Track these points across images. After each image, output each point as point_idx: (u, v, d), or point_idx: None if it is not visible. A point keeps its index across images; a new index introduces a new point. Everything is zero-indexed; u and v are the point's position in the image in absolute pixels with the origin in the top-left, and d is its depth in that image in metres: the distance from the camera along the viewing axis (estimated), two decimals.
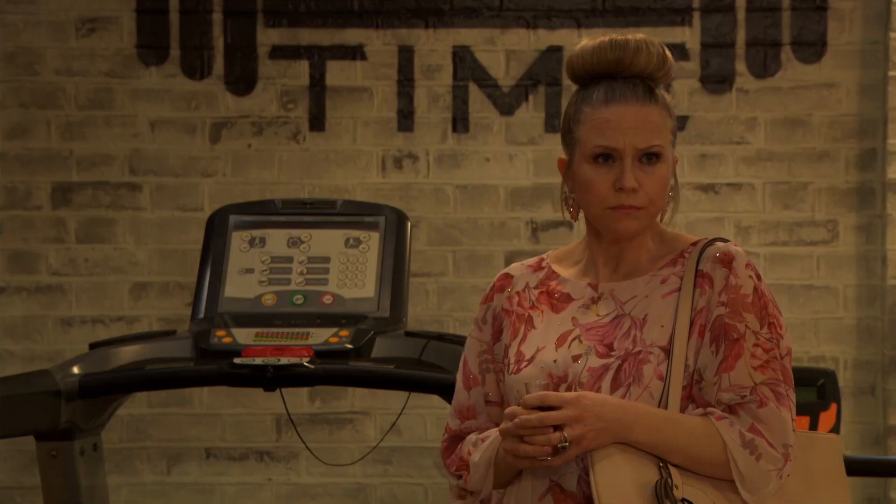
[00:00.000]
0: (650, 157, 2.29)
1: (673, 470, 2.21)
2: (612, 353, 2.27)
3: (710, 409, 2.22)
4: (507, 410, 2.22)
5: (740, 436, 2.19)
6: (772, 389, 2.22)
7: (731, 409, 2.21)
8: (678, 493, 2.19)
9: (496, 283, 2.45)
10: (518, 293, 2.41)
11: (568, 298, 2.36)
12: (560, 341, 2.32)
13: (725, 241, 2.33)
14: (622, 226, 2.30)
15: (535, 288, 2.40)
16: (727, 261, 2.27)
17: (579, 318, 2.33)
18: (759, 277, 2.28)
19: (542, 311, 2.37)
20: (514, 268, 2.46)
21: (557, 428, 2.16)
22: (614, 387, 2.24)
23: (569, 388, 2.27)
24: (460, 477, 2.49)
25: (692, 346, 2.25)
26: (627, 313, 2.30)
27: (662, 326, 2.26)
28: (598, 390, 2.24)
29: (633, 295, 2.31)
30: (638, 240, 2.35)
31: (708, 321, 2.25)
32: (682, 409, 2.24)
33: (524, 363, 2.33)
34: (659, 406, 2.23)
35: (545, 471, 2.25)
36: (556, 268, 2.42)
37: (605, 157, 2.30)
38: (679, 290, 2.28)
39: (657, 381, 2.23)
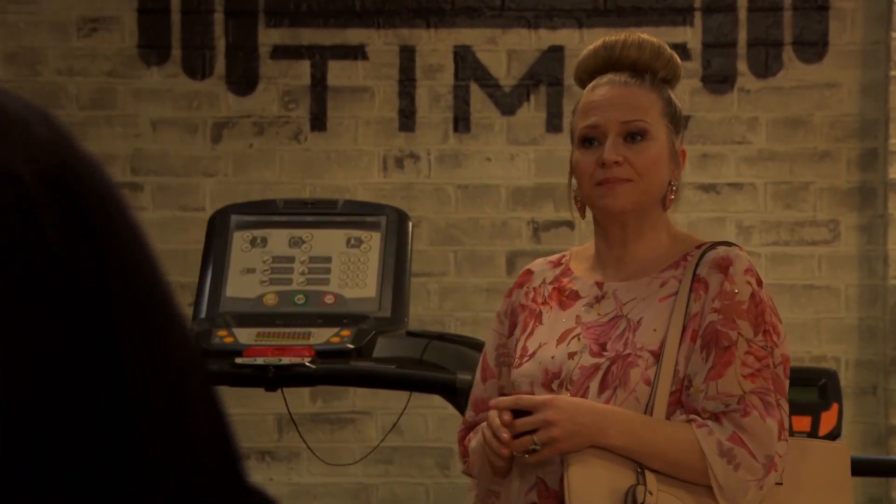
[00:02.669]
0: (634, 135, 2.32)
1: (650, 476, 2.20)
2: (604, 354, 2.28)
3: (692, 416, 2.22)
4: (491, 403, 2.25)
5: (718, 444, 2.17)
6: (761, 399, 2.20)
7: (715, 418, 2.20)
8: (652, 500, 2.18)
9: (518, 278, 2.48)
10: (534, 289, 2.44)
11: (576, 296, 2.38)
12: (562, 338, 2.34)
13: (730, 244, 2.32)
14: (608, 202, 2.31)
15: (550, 284, 2.42)
16: (724, 266, 2.25)
17: (583, 315, 2.35)
18: (759, 283, 2.25)
19: (551, 307, 2.39)
20: (537, 263, 2.48)
21: (531, 431, 2.19)
22: (602, 388, 2.25)
23: (560, 385, 2.29)
24: (467, 463, 2.55)
25: (683, 351, 2.23)
26: (625, 315, 2.31)
27: (655, 330, 2.26)
28: (587, 390, 2.26)
29: (634, 296, 2.32)
30: (644, 238, 2.35)
31: (700, 327, 2.24)
32: (670, 415, 2.23)
33: (525, 358, 2.35)
34: (646, 411, 2.22)
35: (532, 467, 2.27)
36: (573, 264, 2.44)
37: (592, 140, 2.34)
38: (676, 294, 2.28)
39: (644, 386, 2.23)
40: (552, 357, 2.31)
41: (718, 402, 2.20)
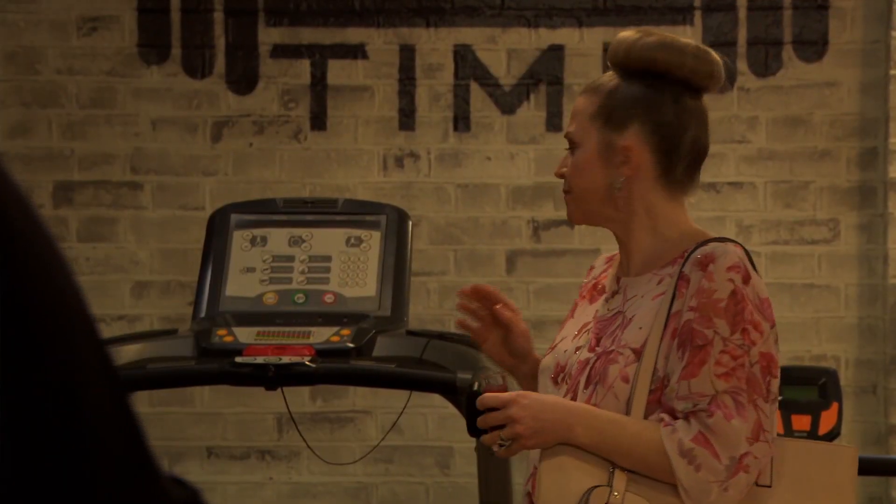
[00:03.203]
0: (572, 148, 2.38)
1: (620, 475, 2.20)
2: (595, 350, 2.30)
3: (662, 415, 2.21)
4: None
5: (679, 444, 2.17)
6: (733, 398, 2.18)
7: (685, 417, 2.19)
8: (617, 501, 2.18)
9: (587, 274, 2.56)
10: (585, 284, 2.48)
11: (603, 290, 2.41)
12: (579, 332, 2.37)
13: (724, 240, 2.29)
14: (566, 212, 2.43)
15: (594, 279, 2.46)
16: (705, 263, 2.23)
17: (600, 310, 2.38)
18: (745, 280, 2.22)
19: (585, 301, 2.43)
20: (600, 259, 2.53)
21: (501, 426, 2.25)
22: (587, 383, 2.28)
23: (563, 379, 2.31)
24: None
25: (663, 350, 2.23)
26: (624, 311, 2.32)
27: (641, 328, 2.26)
28: (578, 384, 2.28)
29: (636, 293, 2.33)
30: (639, 236, 2.36)
31: (679, 325, 2.23)
32: (650, 414, 2.22)
33: (550, 350, 2.40)
34: (626, 409, 2.23)
35: (533, 457, 2.30)
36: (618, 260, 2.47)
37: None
38: (666, 292, 2.28)
39: (621, 383, 2.24)
40: (565, 351, 2.36)
41: (688, 402, 2.19)
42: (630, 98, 2.34)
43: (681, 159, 2.37)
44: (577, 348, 2.33)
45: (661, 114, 2.35)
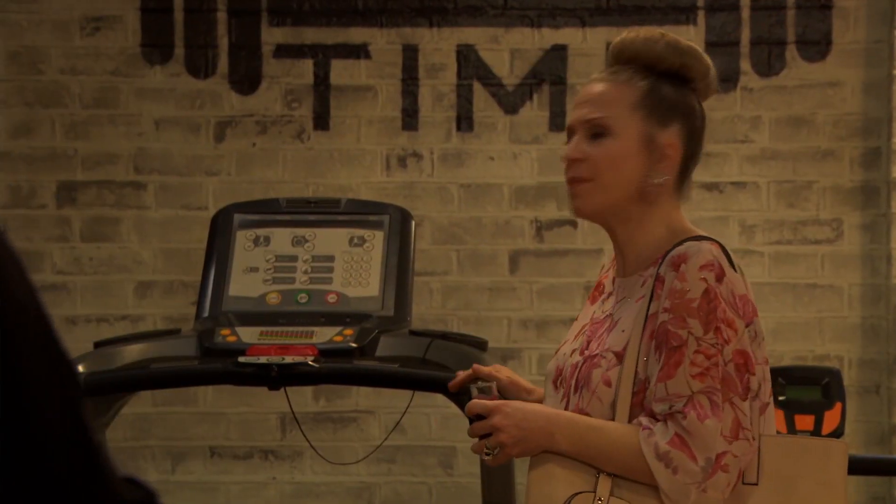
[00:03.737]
0: (596, 133, 2.30)
1: (604, 481, 2.20)
2: (584, 353, 2.29)
3: (641, 419, 2.20)
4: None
5: (655, 448, 2.16)
6: (708, 398, 2.16)
7: (663, 419, 2.18)
8: None
9: None
10: (595, 283, 2.47)
11: (603, 291, 2.40)
12: (578, 335, 2.36)
13: (701, 239, 2.27)
14: (573, 203, 2.34)
15: (599, 279, 2.46)
16: (677, 264, 2.21)
17: (597, 311, 2.37)
18: (718, 278, 2.20)
19: (588, 303, 2.42)
20: (609, 258, 2.50)
21: (487, 435, 2.26)
22: (576, 388, 2.28)
23: (561, 383, 2.32)
24: None
25: (642, 352, 2.22)
26: (613, 313, 2.31)
27: (623, 331, 2.25)
28: (569, 387, 2.28)
29: (625, 295, 2.32)
30: (633, 236, 2.33)
31: (656, 327, 2.22)
32: (633, 417, 2.22)
33: (554, 355, 2.39)
34: (611, 412, 2.22)
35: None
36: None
37: (570, 135, 2.35)
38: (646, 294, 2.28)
39: (604, 387, 2.23)
40: (564, 354, 2.35)
41: (665, 404, 2.17)
42: (672, 98, 2.32)
43: (696, 164, 2.37)
44: (573, 351, 2.33)
45: (694, 118, 2.35)
